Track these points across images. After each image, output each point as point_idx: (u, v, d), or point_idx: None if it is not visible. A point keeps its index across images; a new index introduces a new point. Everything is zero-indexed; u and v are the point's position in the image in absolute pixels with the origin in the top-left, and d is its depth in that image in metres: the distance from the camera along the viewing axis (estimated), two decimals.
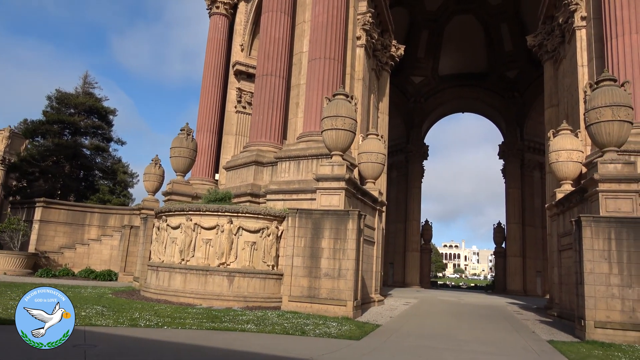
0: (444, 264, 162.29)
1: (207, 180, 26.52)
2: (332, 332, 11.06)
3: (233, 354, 8.29)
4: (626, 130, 13.69)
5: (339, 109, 15.97)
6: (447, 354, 9.57)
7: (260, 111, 21.91)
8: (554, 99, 23.77)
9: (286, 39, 22.52)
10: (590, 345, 11.28)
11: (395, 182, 45.57)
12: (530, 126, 43.69)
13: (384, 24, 25.95)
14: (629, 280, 12.18)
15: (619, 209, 13.21)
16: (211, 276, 15.60)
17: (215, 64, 28.12)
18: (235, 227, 15.87)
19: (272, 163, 20.80)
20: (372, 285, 19.67)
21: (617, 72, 16.51)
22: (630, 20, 16.98)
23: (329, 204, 15.78)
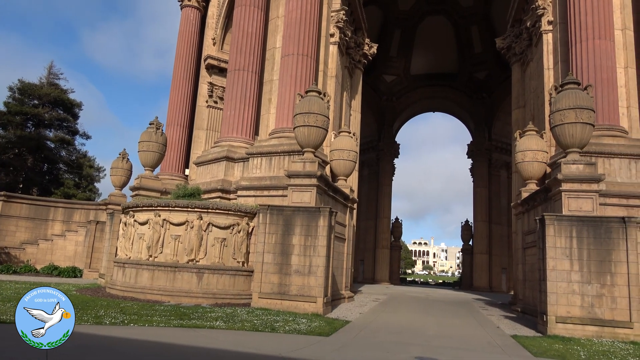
0: (413, 261, 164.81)
1: (176, 176, 26.09)
2: (302, 328, 11.08)
3: (201, 352, 8.20)
4: (588, 132, 14.18)
5: (312, 106, 15.96)
6: (415, 349, 9.73)
7: (232, 106, 21.69)
8: (521, 100, 24.40)
9: (259, 34, 22.34)
10: (551, 340, 11.67)
11: (367, 179, 45.94)
12: (498, 126, 44.75)
13: (358, 22, 26.05)
14: (589, 277, 12.65)
15: (581, 208, 13.69)
16: (180, 273, 15.37)
17: (186, 57, 27.64)
18: (205, 223, 15.67)
19: (244, 159, 20.63)
20: (343, 281, 19.79)
21: (581, 76, 17.07)
22: (594, 26, 17.57)
23: (301, 201, 15.77)
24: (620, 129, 17.20)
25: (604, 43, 17.42)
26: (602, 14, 17.62)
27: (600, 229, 12.88)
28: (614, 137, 16.87)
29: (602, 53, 17.34)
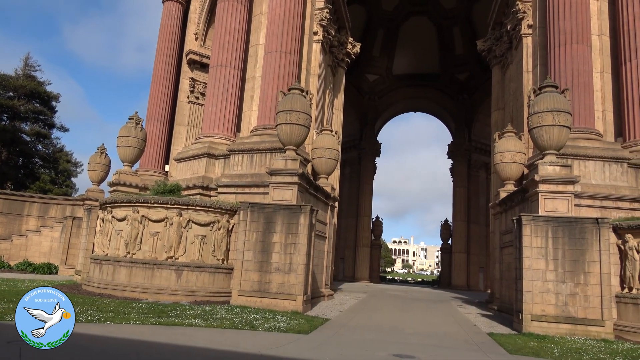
0: (393, 259, 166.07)
1: (156, 172, 25.76)
2: (282, 326, 11.08)
3: (179, 350, 8.14)
4: (565, 135, 14.49)
5: (294, 104, 15.94)
6: (393, 346, 9.82)
7: (214, 102, 21.51)
8: (500, 102, 24.78)
9: (242, 30, 22.19)
10: (526, 337, 11.91)
11: (348, 178, 46.09)
12: (478, 128, 45.37)
13: (341, 21, 26.08)
14: (563, 276, 12.95)
15: (556, 209, 13.98)
16: (158, 270, 15.20)
17: (167, 52, 27.28)
18: (184, 220, 15.52)
19: (225, 156, 20.49)
20: (323, 279, 19.84)
21: (558, 79, 17.41)
22: (572, 31, 17.93)
23: (282, 199, 15.74)
24: (595, 132, 17.61)
25: (582, 48, 17.81)
26: (580, 20, 17.99)
27: (574, 229, 13.19)
28: (589, 140, 17.26)
29: (579, 57, 17.71)
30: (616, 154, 17.02)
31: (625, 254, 13.19)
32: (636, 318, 12.69)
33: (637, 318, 12.66)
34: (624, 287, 13.23)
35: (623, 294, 13.14)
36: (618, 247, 13.42)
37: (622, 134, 18.63)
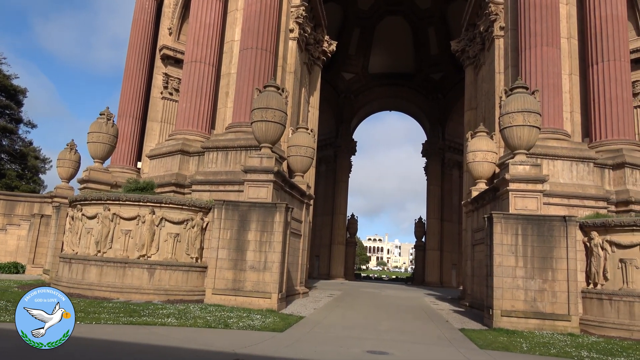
0: (368, 257, 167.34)
1: (128, 169, 25.26)
2: (256, 324, 11.04)
3: (151, 349, 8.02)
4: (535, 135, 14.86)
5: (270, 101, 15.87)
6: (367, 343, 9.92)
7: (188, 98, 21.22)
8: (473, 102, 25.23)
9: (217, 26, 21.94)
10: (496, 333, 12.19)
11: (324, 176, 46.17)
12: (452, 127, 46.09)
13: (317, 19, 26.08)
14: (532, 273, 13.30)
15: (526, 207, 14.34)
16: (130, 269, 14.93)
17: (140, 46, 26.73)
18: (157, 217, 15.28)
19: (199, 153, 20.25)
20: (298, 277, 19.85)
21: (529, 81, 17.84)
22: (542, 34, 18.39)
23: (257, 196, 15.67)
24: (564, 132, 18.12)
25: (551, 50, 18.28)
26: (550, 23, 18.46)
27: (543, 227, 13.56)
28: (558, 140, 17.75)
29: (549, 60, 18.18)
30: (583, 154, 17.56)
31: (591, 250, 13.62)
32: (600, 312, 13.13)
33: (602, 312, 13.11)
34: (590, 283, 13.67)
35: (588, 290, 13.58)
36: (584, 244, 13.84)
37: (589, 135, 19.25)
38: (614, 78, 18.59)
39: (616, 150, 18.16)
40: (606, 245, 13.37)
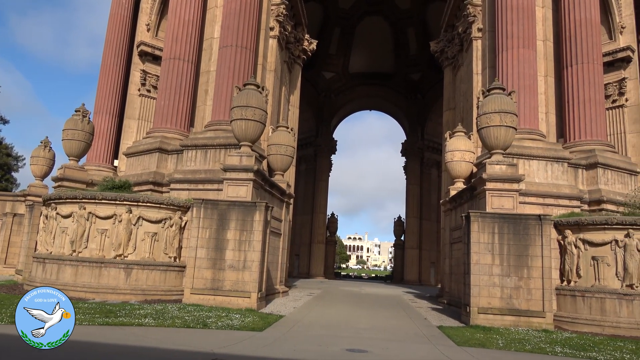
0: (347, 256, 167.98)
1: (104, 167, 24.76)
2: (235, 324, 10.98)
3: (128, 350, 7.90)
4: (511, 135, 15.13)
5: (250, 99, 15.78)
6: (346, 341, 9.96)
7: (166, 96, 20.93)
8: (451, 102, 25.55)
9: (197, 23, 21.68)
10: (473, 330, 12.38)
11: (304, 175, 46.16)
12: (430, 127, 46.57)
13: (298, 17, 26.03)
14: (508, 270, 13.54)
15: (502, 206, 14.59)
16: (106, 268, 14.68)
17: (117, 42, 26.21)
18: (134, 216, 15.05)
19: (178, 151, 20.00)
20: (278, 276, 19.80)
21: (506, 82, 18.14)
22: (519, 36, 18.72)
23: (236, 195, 15.56)
24: (539, 133, 18.49)
25: (527, 52, 18.63)
26: (526, 25, 18.81)
27: (519, 225, 13.82)
28: (533, 141, 18.11)
29: (525, 61, 18.52)
30: (557, 154, 17.95)
31: (565, 248, 13.96)
32: (573, 309, 13.47)
33: (575, 309, 13.45)
34: (564, 280, 14.01)
35: (562, 287, 13.91)
36: (558, 243, 14.17)
37: (563, 135, 19.69)
38: (587, 80, 19.04)
39: (589, 150, 18.61)
40: (579, 243, 13.72)
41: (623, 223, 13.22)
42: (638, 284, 12.87)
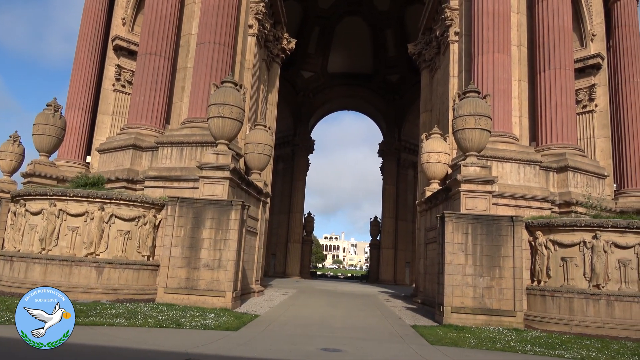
0: (324, 255, 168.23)
1: (76, 163, 24.18)
2: (209, 323, 10.88)
3: (99, 351, 7.74)
4: (485, 138, 15.41)
5: (227, 97, 15.65)
6: (321, 340, 9.98)
7: (142, 92, 20.56)
8: (428, 104, 25.85)
9: (174, 18, 21.36)
10: (446, 329, 12.56)
11: (281, 174, 46.03)
12: (407, 128, 47.04)
13: (277, 16, 25.93)
14: (480, 270, 13.79)
15: (476, 207, 14.84)
16: (77, 267, 14.35)
17: (91, 36, 25.61)
18: (107, 214, 14.75)
19: (153, 148, 19.69)
20: (253, 276, 19.71)
21: (481, 85, 18.45)
22: (494, 41, 19.07)
23: (212, 194, 15.42)
24: (512, 136, 18.88)
25: (502, 57, 18.99)
26: (501, 30, 19.17)
27: (492, 226, 14.09)
28: (507, 144, 18.47)
29: (500, 66, 18.88)
30: (530, 157, 18.36)
31: (536, 249, 14.31)
32: (543, 308, 13.82)
33: (544, 308, 13.79)
34: (534, 280, 14.35)
35: (533, 287, 14.25)
36: (529, 244, 14.52)
37: (535, 139, 20.15)
38: (559, 85, 19.53)
39: (560, 154, 19.10)
40: (549, 244, 14.08)
41: (591, 225, 13.62)
42: (604, 284, 13.29)
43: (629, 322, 12.85)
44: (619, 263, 13.37)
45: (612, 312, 13.01)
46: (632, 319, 12.90)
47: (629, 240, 13.43)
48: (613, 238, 13.45)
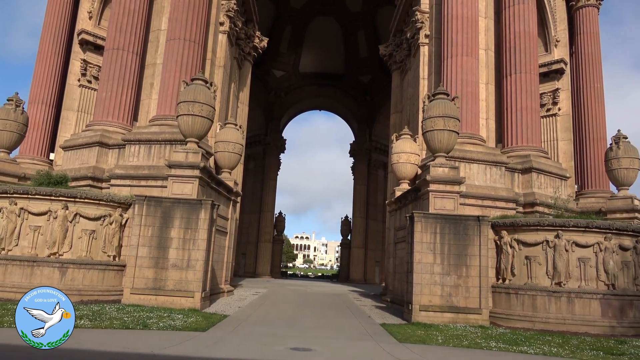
0: (294, 255, 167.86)
1: (39, 160, 23.38)
2: (177, 324, 10.72)
3: (62, 354, 7.51)
4: (454, 139, 15.72)
5: (197, 95, 15.44)
6: (291, 340, 9.97)
7: (109, 88, 20.06)
8: (399, 105, 26.17)
9: (143, 13, 20.91)
10: (415, 327, 12.76)
11: (252, 173, 45.72)
12: (378, 128, 47.48)
13: (249, 14, 25.74)
14: (448, 269, 14.07)
15: (444, 207, 15.12)
16: (39, 268, 13.88)
17: (56, 28, 24.79)
18: (71, 213, 14.32)
19: (120, 145, 19.23)
20: (223, 275, 19.52)
21: (450, 88, 18.80)
22: (463, 44, 19.46)
23: (182, 192, 15.18)
24: (479, 137, 19.31)
25: (471, 60, 19.40)
26: (470, 34, 19.58)
27: (459, 226, 14.39)
28: (474, 145, 18.88)
29: (468, 69, 19.28)
30: (496, 159, 18.83)
31: (501, 248, 14.68)
32: (508, 306, 14.20)
33: (509, 305, 14.17)
34: (499, 278, 14.73)
35: (498, 285, 14.62)
36: (495, 243, 14.88)
37: (502, 141, 20.68)
38: (524, 89, 20.11)
39: (525, 156, 19.66)
40: (514, 243, 14.48)
41: (553, 225, 14.08)
42: (566, 282, 13.76)
43: (588, 318, 13.35)
44: (579, 261, 13.87)
45: (573, 308, 13.49)
46: (591, 315, 13.41)
47: (589, 239, 13.95)
48: (574, 237, 13.94)
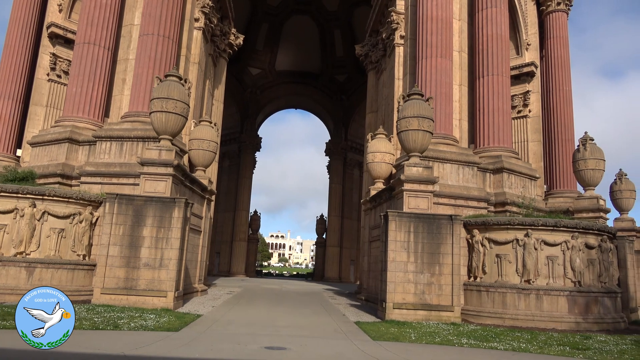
0: (270, 254, 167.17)
1: (5, 156, 22.64)
2: (149, 324, 10.55)
3: (27, 355, 7.29)
4: (428, 139, 15.93)
5: (171, 91, 15.21)
6: (265, 339, 9.94)
7: (79, 83, 19.55)
8: (374, 105, 26.36)
9: (115, 7, 20.44)
10: (388, 324, 12.89)
11: (227, 171, 45.34)
12: (354, 128, 47.75)
13: (225, 10, 25.49)
14: (421, 267, 14.27)
15: (418, 206, 15.32)
16: (5, 267, 13.45)
17: (24, 21, 24.01)
18: (39, 211, 13.93)
19: (90, 142, 18.78)
20: (197, 275, 19.30)
21: (424, 88, 19.04)
22: (437, 45, 19.72)
23: (154, 190, 14.93)
24: (453, 138, 19.62)
25: (444, 62, 19.68)
26: (444, 36, 19.86)
27: (432, 225, 14.60)
28: (447, 145, 19.18)
29: (442, 70, 19.56)
30: (468, 159, 19.17)
31: (473, 247, 14.98)
32: (479, 303, 14.50)
33: (479, 303, 14.47)
34: (471, 276, 15.02)
35: (469, 282, 14.91)
36: (467, 241, 15.18)
37: (474, 141, 21.06)
38: (496, 91, 20.53)
39: (496, 156, 20.09)
40: (485, 242, 14.79)
41: (523, 224, 14.44)
42: (535, 280, 14.13)
43: (555, 315, 13.76)
44: (547, 259, 14.27)
45: (541, 305, 13.87)
46: (558, 312, 13.82)
47: (557, 238, 14.35)
48: (543, 236, 14.33)
